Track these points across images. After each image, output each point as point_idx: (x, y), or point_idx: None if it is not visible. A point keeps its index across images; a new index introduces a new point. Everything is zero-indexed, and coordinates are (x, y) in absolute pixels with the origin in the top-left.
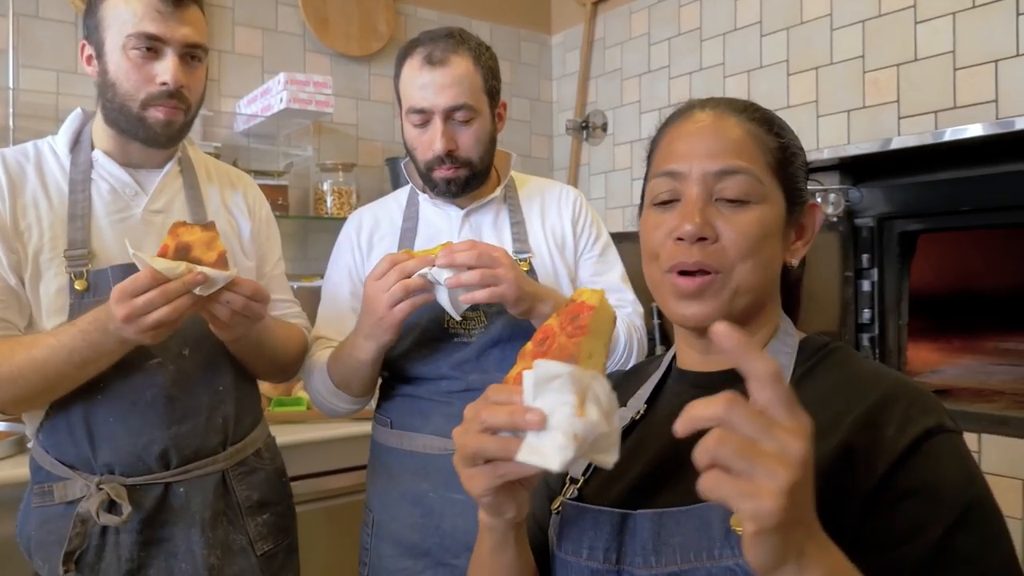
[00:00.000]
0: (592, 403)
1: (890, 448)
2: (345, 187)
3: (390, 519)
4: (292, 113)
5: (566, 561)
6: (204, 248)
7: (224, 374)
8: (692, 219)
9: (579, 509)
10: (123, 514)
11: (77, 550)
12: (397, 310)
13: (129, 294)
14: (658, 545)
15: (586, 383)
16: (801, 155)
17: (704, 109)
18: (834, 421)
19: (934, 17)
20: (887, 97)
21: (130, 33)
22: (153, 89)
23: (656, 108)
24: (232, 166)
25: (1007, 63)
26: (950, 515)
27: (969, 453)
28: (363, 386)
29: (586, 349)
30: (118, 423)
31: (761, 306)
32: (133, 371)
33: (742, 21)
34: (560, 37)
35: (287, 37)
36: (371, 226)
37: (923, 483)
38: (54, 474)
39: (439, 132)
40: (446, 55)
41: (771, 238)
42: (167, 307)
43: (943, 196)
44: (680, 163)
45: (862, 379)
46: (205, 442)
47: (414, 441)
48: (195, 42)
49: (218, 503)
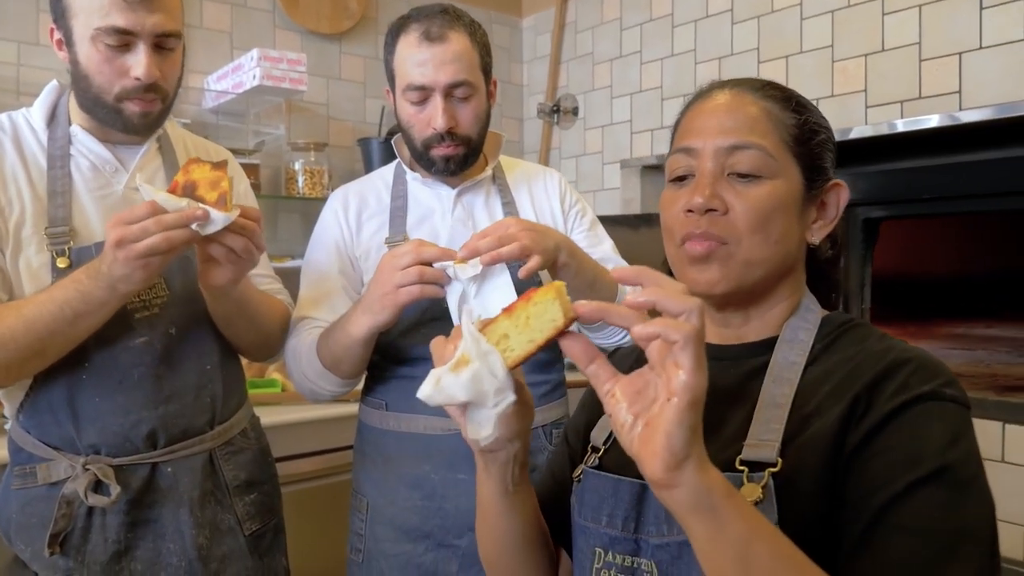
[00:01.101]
0: (469, 371)
1: (881, 407)
2: (317, 167)
3: (387, 503)
4: (264, 90)
5: (585, 527)
6: (208, 187)
7: (211, 353)
8: (702, 192)
9: (600, 478)
10: (111, 495)
11: (62, 532)
12: (403, 291)
13: (125, 220)
14: (669, 515)
15: (479, 350)
16: (824, 133)
17: (724, 89)
18: (843, 390)
19: (901, 9)
20: (855, 86)
21: (98, 27)
22: (127, 83)
23: (628, 93)
24: (210, 141)
25: (970, 55)
26: (921, 470)
27: (967, 426)
28: (353, 367)
29: (501, 330)
30: (104, 402)
31: (777, 280)
32: (120, 350)
33: (714, 9)
34: (531, 20)
35: (256, 13)
36: (358, 204)
37: (902, 442)
38: (36, 455)
39: (440, 109)
40: (444, 31)
41: (783, 212)
42: (159, 235)
43: (905, 184)
44: (695, 140)
45: (876, 351)
46: (193, 421)
47: (414, 423)
48: (167, 31)
49: (206, 483)
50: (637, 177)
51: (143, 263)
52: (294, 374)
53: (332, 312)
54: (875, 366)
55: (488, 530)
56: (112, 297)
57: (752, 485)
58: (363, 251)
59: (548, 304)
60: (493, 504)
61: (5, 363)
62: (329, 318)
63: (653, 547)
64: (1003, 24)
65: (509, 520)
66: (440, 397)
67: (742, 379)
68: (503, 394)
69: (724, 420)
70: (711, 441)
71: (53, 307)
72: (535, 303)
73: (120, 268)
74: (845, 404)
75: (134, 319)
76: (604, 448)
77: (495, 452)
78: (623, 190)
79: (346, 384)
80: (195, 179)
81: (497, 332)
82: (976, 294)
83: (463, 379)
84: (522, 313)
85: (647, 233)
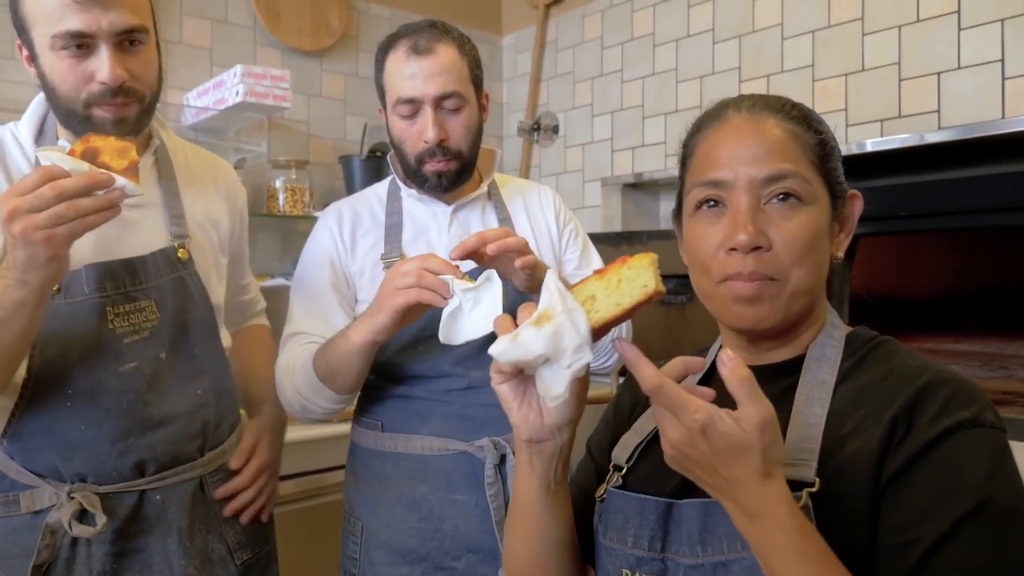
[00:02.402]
0: (552, 326)
1: (921, 434)
2: (298, 184)
3: (383, 525)
4: (246, 107)
5: (611, 548)
6: (115, 155)
7: (204, 377)
8: (745, 229)
9: (624, 498)
10: (97, 525)
11: (46, 563)
12: (400, 293)
13: (15, 192)
14: (704, 535)
15: (566, 306)
16: (837, 147)
17: (740, 110)
18: (880, 411)
19: (880, 29)
20: (836, 105)
21: (53, 34)
22: (93, 88)
23: (609, 111)
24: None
25: (948, 75)
26: (964, 506)
27: (1007, 452)
28: (348, 379)
29: (589, 291)
30: (90, 430)
31: (814, 304)
32: (107, 376)
33: (695, 28)
34: (511, 39)
35: (237, 29)
36: (352, 220)
37: (944, 471)
38: (20, 482)
39: (430, 121)
40: (432, 44)
41: (821, 238)
42: (64, 205)
43: (883, 202)
44: (724, 171)
45: (909, 370)
46: (183, 448)
47: (411, 443)
48: (128, 26)
49: (195, 511)
50: (618, 195)
51: (44, 236)
52: (285, 389)
53: (327, 327)
54: (910, 385)
55: (524, 532)
56: (27, 294)
57: None
58: (358, 268)
59: (642, 270)
60: (532, 502)
61: None
62: (325, 333)
63: (685, 567)
64: (980, 45)
65: (548, 522)
66: (516, 352)
67: (772, 400)
68: (581, 351)
69: None
70: None
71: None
72: (630, 267)
73: (21, 250)
74: (884, 426)
75: (123, 344)
76: (627, 467)
77: (543, 442)
78: (604, 208)
79: (340, 400)
80: (97, 146)
81: (585, 292)
82: (942, 310)
83: (545, 333)
84: (614, 276)
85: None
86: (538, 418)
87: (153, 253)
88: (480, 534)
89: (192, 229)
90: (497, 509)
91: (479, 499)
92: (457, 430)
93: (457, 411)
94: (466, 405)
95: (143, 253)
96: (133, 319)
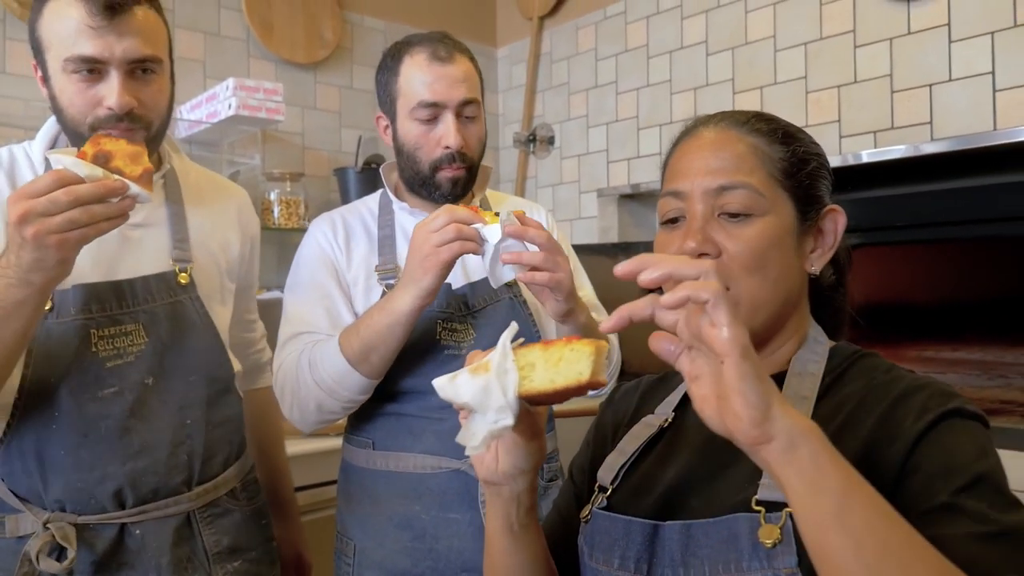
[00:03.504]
0: (484, 379)
1: (908, 434)
2: (293, 197)
3: (375, 545)
4: (239, 120)
5: (597, 570)
6: (127, 160)
7: (194, 407)
8: (694, 236)
9: (610, 519)
10: (66, 559)
11: None
12: (445, 249)
13: (28, 194)
14: (687, 557)
15: (502, 365)
16: (816, 160)
17: (708, 125)
18: (859, 422)
19: (872, 42)
20: (829, 116)
21: (67, 57)
22: (100, 113)
23: (604, 122)
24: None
25: (940, 87)
26: (960, 481)
27: (989, 439)
28: (386, 356)
29: (531, 358)
30: (69, 456)
31: (784, 318)
32: (87, 400)
33: (688, 40)
34: (506, 50)
35: (230, 42)
36: (344, 229)
37: (936, 456)
38: (8, 504)
39: (453, 127)
40: (451, 53)
41: (779, 249)
42: (78, 210)
43: (876, 213)
44: (683, 182)
45: (885, 382)
46: (166, 480)
47: (403, 461)
48: (141, 56)
49: (181, 548)
50: (614, 206)
51: (57, 240)
52: (300, 388)
53: (334, 325)
54: (885, 397)
55: (492, 565)
56: (29, 294)
57: (770, 527)
58: (353, 276)
59: (583, 356)
60: (498, 540)
61: None
62: (332, 331)
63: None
64: (970, 57)
65: (514, 558)
66: (448, 392)
67: None
68: (504, 414)
69: (737, 459)
70: (725, 482)
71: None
72: (572, 349)
73: (30, 251)
74: (861, 440)
75: (105, 368)
76: (612, 488)
77: (499, 486)
78: (600, 219)
79: (366, 389)
80: (109, 150)
81: (527, 358)
82: (940, 319)
83: (477, 384)
84: (556, 353)
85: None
86: (493, 461)
87: (145, 277)
88: (475, 553)
89: (197, 253)
90: None
91: (473, 517)
92: (450, 448)
93: (449, 429)
94: (458, 423)
95: (138, 275)
96: (118, 343)
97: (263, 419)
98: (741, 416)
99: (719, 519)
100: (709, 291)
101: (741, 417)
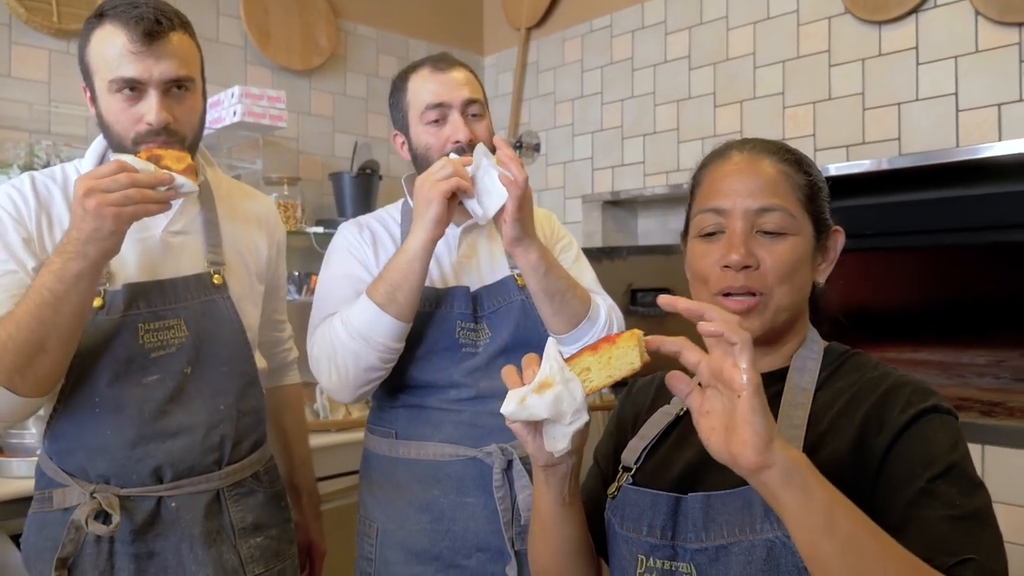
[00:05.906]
0: (552, 393)
1: (892, 425)
2: (290, 200)
3: (397, 527)
4: (242, 126)
5: (627, 537)
6: (174, 161)
7: (226, 394)
8: (738, 250)
9: (639, 493)
10: (112, 523)
11: (70, 557)
12: (444, 182)
13: (93, 175)
14: (707, 523)
15: (564, 376)
16: (825, 188)
17: (741, 151)
18: (851, 412)
19: (846, 62)
20: (804, 131)
21: (110, 79)
22: (141, 128)
23: (589, 131)
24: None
25: (908, 106)
26: (935, 469)
27: (960, 432)
28: (410, 295)
29: (585, 363)
30: (115, 436)
31: (794, 321)
32: (132, 386)
33: (672, 55)
34: (493, 59)
35: (228, 48)
36: (371, 233)
37: (916, 445)
38: (56, 481)
39: (460, 123)
40: (452, 64)
41: (803, 263)
42: (133, 189)
43: (846, 222)
44: (724, 201)
45: (873, 379)
46: (200, 459)
47: (424, 450)
48: (176, 76)
49: (210, 522)
50: (599, 211)
51: (114, 212)
52: (337, 350)
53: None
54: (875, 390)
55: (547, 540)
56: (85, 267)
57: None
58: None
59: (629, 349)
60: (552, 515)
61: (14, 366)
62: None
63: (692, 551)
64: (936, 79)
65: (567, 529)
66: (523, 414)
67: None
68: (579, 414)
69: None
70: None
71: (35, 296)
72: (618, 346)
73: (91, 221)
74: (856, 426)
75: (149, 358)
76: (636, 466)
77: (556, 466)
78: (584, 224)
79: (399, 333)
80: (159, 154)
81: (581, 364)
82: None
83: (546, 399)
84: (606, 353)
85: (609, 265)
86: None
87: (186, 277)
88: (489, 534)
89: (229, 256)
90: (504, 511)
91: (488, 501)
92: (467, 437)
93: (467, 419)
94: (475, 414)
95: (179, 275)
96: (162, 335)
97: (287, 414)
98: (748, 444)
99: (735, 490)
100: (740, 337)
101: (748, 445)
